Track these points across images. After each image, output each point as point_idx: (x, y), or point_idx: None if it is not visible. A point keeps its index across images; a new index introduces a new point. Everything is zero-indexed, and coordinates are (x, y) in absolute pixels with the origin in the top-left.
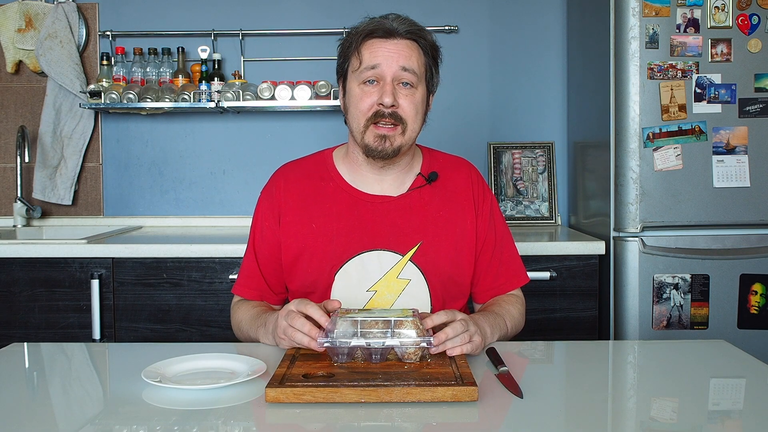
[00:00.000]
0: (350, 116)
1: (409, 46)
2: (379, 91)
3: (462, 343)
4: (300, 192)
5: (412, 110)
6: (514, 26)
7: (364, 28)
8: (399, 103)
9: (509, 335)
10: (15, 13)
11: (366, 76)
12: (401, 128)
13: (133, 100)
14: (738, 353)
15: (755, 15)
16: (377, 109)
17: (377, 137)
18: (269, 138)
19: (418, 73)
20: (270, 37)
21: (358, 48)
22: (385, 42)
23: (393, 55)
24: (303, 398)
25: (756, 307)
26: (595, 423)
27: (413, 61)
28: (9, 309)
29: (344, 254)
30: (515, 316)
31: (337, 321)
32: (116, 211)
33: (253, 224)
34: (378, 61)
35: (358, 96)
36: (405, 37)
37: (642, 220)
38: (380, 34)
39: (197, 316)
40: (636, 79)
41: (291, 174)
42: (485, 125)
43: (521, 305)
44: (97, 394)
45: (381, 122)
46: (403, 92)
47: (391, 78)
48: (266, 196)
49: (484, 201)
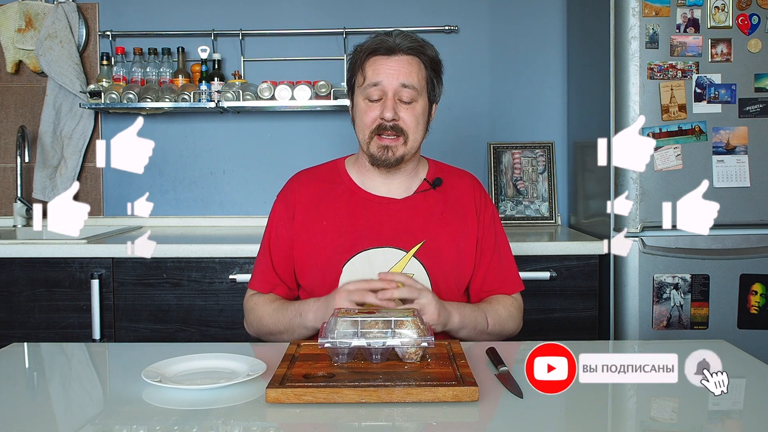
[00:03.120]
0: (357, 128)
1: (409, 62)
2: (381, 106)
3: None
4: (312, 193)
5: (413, 122)
6: (514, 26)
7: (369, 45)
8: (400, 116)
9: (491, 332)
10: (15, 13)
11: (369, 92)
12: (403, 139)
13: (133, 100)
14: (738, 353)
15: (755, 15)
16: (380, 123)
17: (380, 148)
18: (269, 138)
19: (418, 88)
20: (270, 37)
21: (362, 65)
22: (387, 59)
23: (393, 72)
24: (303, 398)
25: (756, 307)
26: (595, 423)
27: (413, 77)
28: (9, 309)
29: (352, 249)
30: (501, 316)
31: (338, 321)
32: (116, 211)
33: (269, 224)
34: (380, 78)
35: (363, 110)
36: (406, 53)
37: (642, 220)
38: (382, 52)
39: (197, 316)
40: (636, 79)
41: (304, 178)
42: (485, 125)
43: (515, 309)
44: (97, 394)
45: (384, 134)
46: (404, 106)
47: (392, 94)
48: (281, 198)
49: (486, 209)
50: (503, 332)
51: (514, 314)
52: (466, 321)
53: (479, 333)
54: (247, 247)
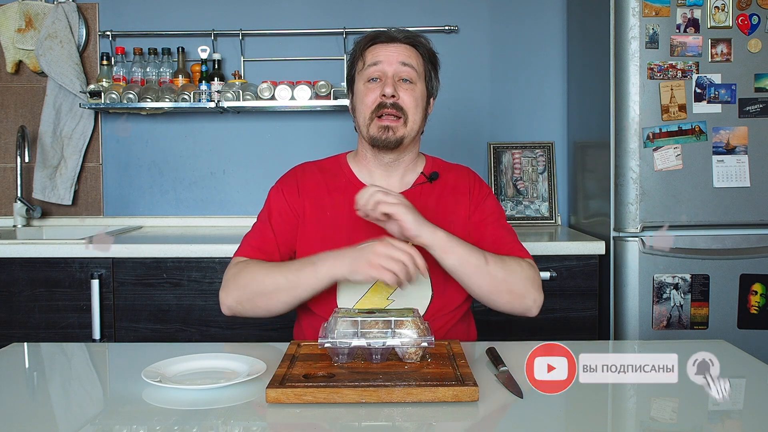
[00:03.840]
0: (357, 112)
1: (408, 49)
2: (381, 86)
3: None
4: (318, 183)
5: (412, 102)
6: (514, 26)
7: (369, 35)
8: (399, 95)
9: (494, 273)
10: (15, 13)
11: (369, 72)
12: (403, 119)
13: (133, 100)
14: (738, 353)
15: (755, 15)
16: (380, 101)
17: (381, 128)
18: (269, 138)
19: (417, 70)
20: (270, 37)
21: (362, 52)
22: (387, 45)
23: (393, 54)
24: (304, 399)
25: (756, 307)
26: (595, 423)
27: (412, 60)
28: (9, 309)
29: (351, 242)
30: (505, 261)
31: (338, 321)
32: (116, 211)
33: (270, 201)
34: (380, 59)
35: (363, 92)
36: (404, 42)
37: (642, 220)
38: (382, 40)
39: (197, 316)
40: (636, 79)
41: (308, 168)
42: (485, 125)
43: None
44: (97, 394)
45: (384, 114)
46: (404, 86)
47: (392, 73)
48: (287, 181)
49: (481, 190)
50: (511, 282)
51: (514, 269)
52: (452, 242)
53: (475, 268)
54: None
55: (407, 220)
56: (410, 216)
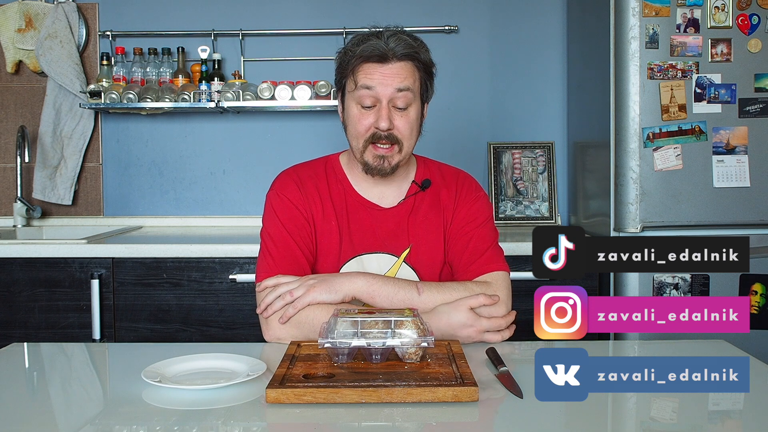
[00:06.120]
0: (349, 135)
1: (403, 68)
2: (376, 114)
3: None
4: (318, 192)
5: (407, 130)
6: (514, 26)
7: (361, 50)
8: (395, 125)
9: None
10: (15, 13)
11: (362, 96)
12: (398, 147)
13: (133, 100)
14: (738, 353)
15: (755, 15)
16: (374, 132)
17: (376, 157)
18: (269, 138)
19: (413, 91)
20: (270, 37)
21: (353, 70)
22: (380, 66)
23: (388, 78)
24: (303, 399)
25: (756, 307)
26: (595, 423)
27: (408, 80)
28: (9, 309)
29: (349, 253)
30: (443, 289)
31: (338, 321)
32: (116, 211)
33: (274, 210)
34: (373, 84)
35: (356, 117)
36: (400, 59)
37: (642, 220)
38: (375, 60)
39: (197, 316)
40: (636, 79)
41: (303, 173)
42: (485, 125)
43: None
44: (97, 394)
45: (379, 143)
46: (398, 113)
47: (387, 100)
48: (283, 186)
49: (468, 195)
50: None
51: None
52: (375, 285)
53: (402, 304)
54: (247, 247)
55: (321, 299)
56: (320, 294)
